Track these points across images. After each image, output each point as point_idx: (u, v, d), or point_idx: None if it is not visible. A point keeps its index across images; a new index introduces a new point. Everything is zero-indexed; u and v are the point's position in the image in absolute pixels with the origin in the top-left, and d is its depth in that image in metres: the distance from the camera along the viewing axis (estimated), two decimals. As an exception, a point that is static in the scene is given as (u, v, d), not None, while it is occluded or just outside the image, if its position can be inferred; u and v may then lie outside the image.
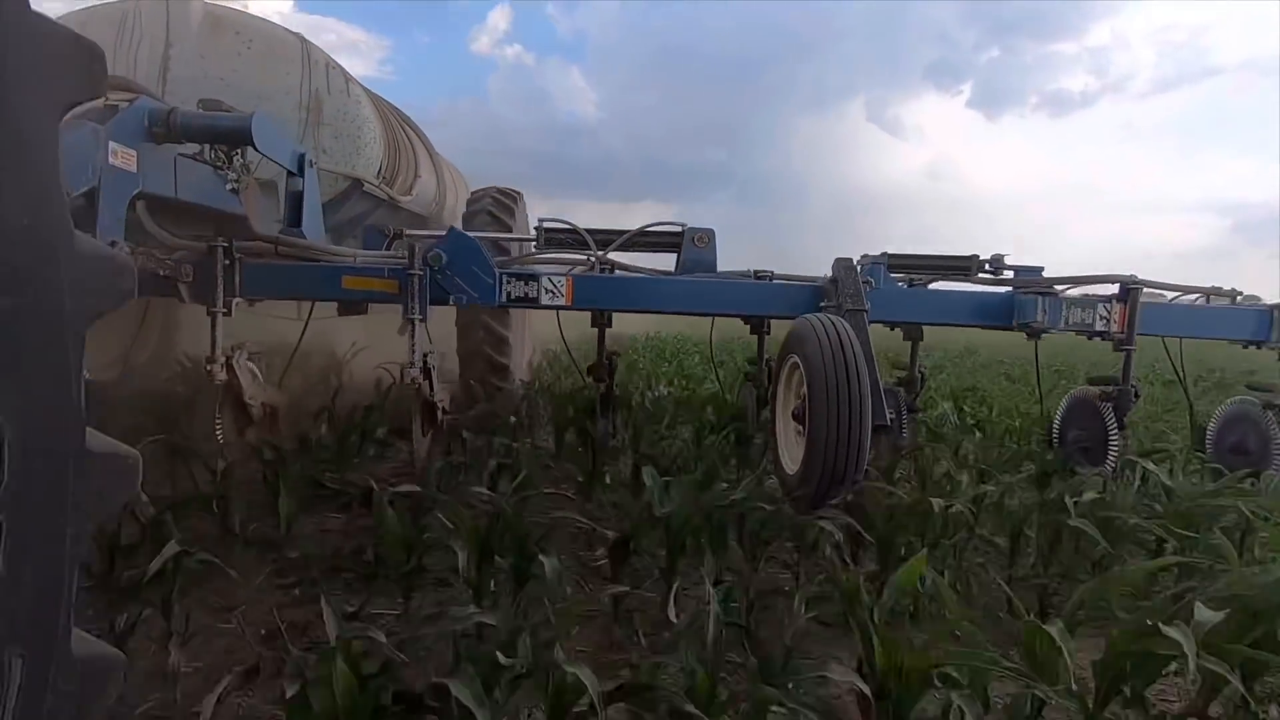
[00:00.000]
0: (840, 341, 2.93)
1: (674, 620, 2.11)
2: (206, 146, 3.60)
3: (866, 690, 1.60)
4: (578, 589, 2.55)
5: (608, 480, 3.65)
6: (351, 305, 3.92)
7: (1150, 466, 3.55)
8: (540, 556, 2.15)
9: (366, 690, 1.51)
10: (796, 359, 3.14)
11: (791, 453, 3.23)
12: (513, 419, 4.57)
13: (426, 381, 3.55)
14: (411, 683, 1.63)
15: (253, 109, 3.93)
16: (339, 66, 4.72)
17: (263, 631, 2.30)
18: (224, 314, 3.23)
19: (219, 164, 3.70)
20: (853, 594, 1.84)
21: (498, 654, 1.59)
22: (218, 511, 2.81)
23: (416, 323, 3.35)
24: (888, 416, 3.07)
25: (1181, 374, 4.49)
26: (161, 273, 3.01)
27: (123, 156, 2.84)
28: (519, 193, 5.87)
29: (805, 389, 3.01)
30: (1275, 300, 4.13)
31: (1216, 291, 4.35)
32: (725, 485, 3.03)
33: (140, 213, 3.28)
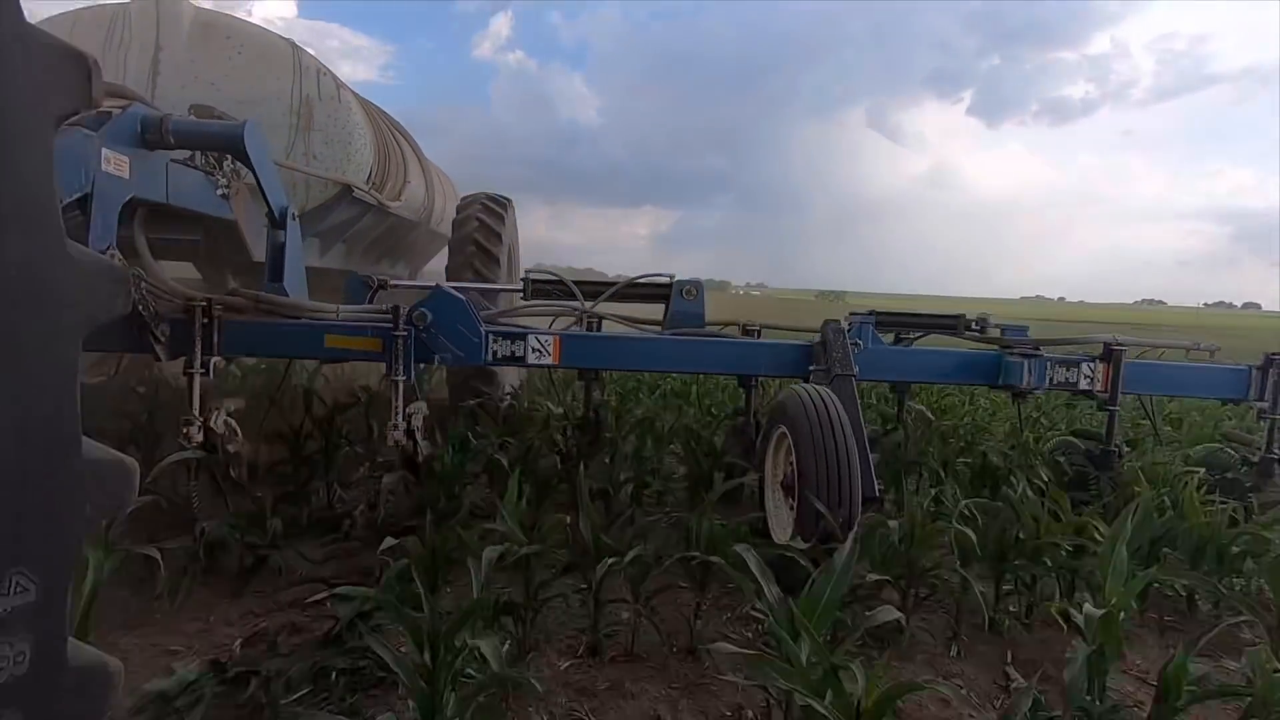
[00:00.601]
0: (829, 415, 2.92)
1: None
2: (198, 152, 3.61)
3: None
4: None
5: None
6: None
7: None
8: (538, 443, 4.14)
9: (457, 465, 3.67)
10: (785, 430, 3.12)
11: (781, 522, 3.21)
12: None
13: (410, 441, 3.46)
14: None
15: (243, 114, 3.94)
16: (329, 72, 4.73)
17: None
18: (202, 374, 3.06)
19: (210, 169, 3.71)
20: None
21: (504, 460, 3.81)
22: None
23: (400, 384, 3.24)
24: (876, 488, 3.06)
25: (1155, 423, 4.74)
26: (143, 309, 2.84)
27: (115, 163, 2.84)
28: (509, 199, 5.90)
29: (793, 460, 2.99)
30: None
31: (1195, 347, 4.51)
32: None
33: (141, 252, 3.18)
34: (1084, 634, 2.05)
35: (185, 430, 3.09)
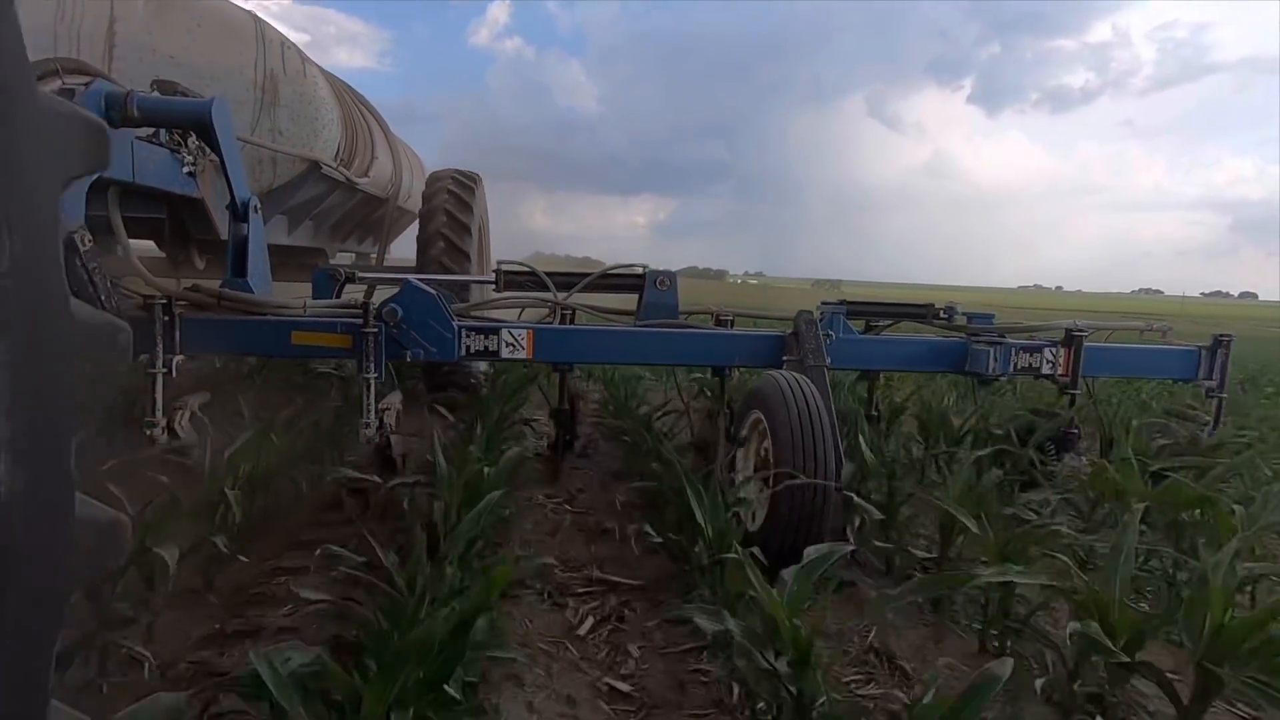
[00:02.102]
0: (807, 403, 2.97)
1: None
2: (162, 129, 3.54)
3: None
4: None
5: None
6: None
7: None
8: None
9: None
10: (761, 416, 3.15)
11: (753, 507, 3.24)
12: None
13: (383, 438, 3.43)
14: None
15: (205, 90, 3.86)
16: (295, 46, 4.64)
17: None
18: (164, 373, 2.98)
19: (175, 146, 3.64)
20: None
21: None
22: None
23: (371, 381, 3.20)
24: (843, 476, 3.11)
25: (1095, 404, 4.92)
26: (104, 302, 2.76)
27: (81, 141, 2.79)
28: (478, 175, 5.88)
29: (769, 445, 3.04)
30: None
31: (1149, 328, 4.69)
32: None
33: (118, 234, 3.10)
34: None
35: (149, 432, 3.01)
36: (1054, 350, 3.95)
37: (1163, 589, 2.84)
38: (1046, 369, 3.96)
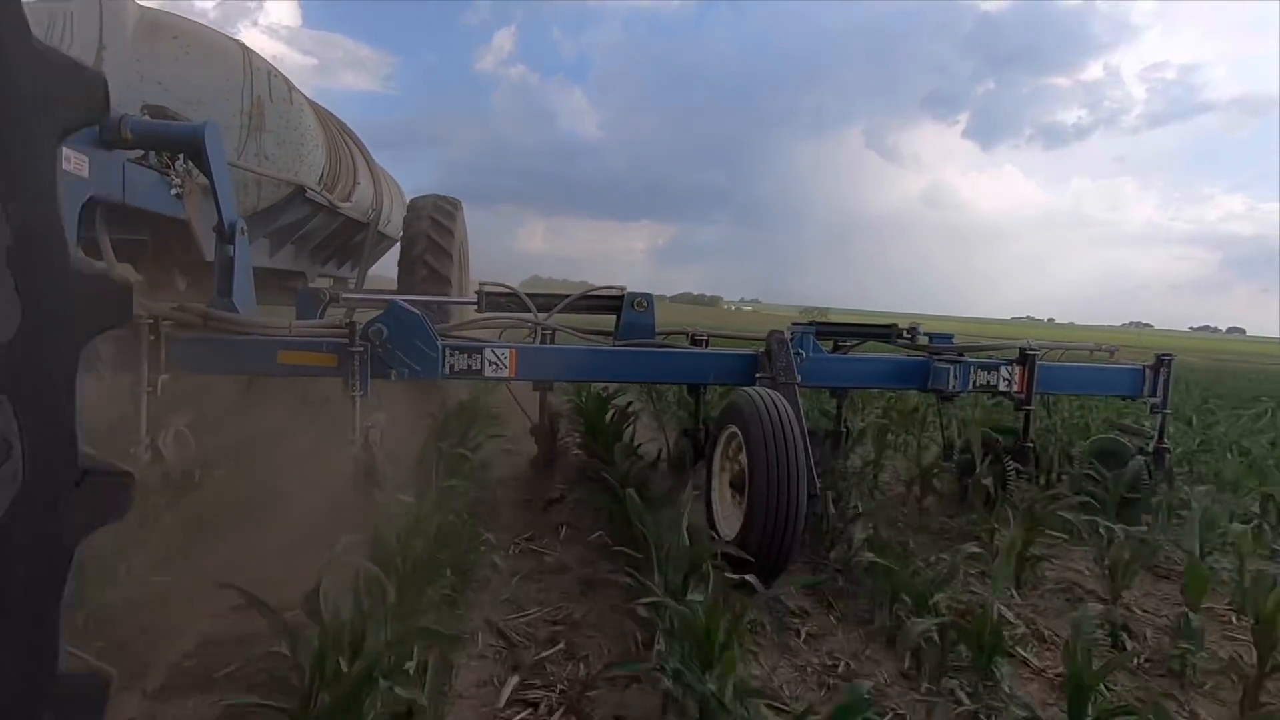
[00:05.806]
0: (780, 418, 3.10)
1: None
2: (150, 152, 3.60)
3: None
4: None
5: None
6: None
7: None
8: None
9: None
10: (736, 430, 3.28)
11: (727, 518, 3.37)
12: None
13: (368, 455, 3.43)
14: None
15: (193, 115, 3.94)
16: (280, 74, 4.75)
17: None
18: (149, 391, 3.01)
19: (164, 168, 3.71)
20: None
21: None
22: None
23: (357, 399, 3.26)
24: (818, 487, 3.27)
25: (1055, 420, 5.18)
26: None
27: (75, 162, 2.85)
28: (459, 201, 6.00)
29: (744, 459, 3.17)
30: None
31: (1097, 348, 4.95)
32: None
33: (105, 254, 3.15)
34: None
35: (133, 451, 3.02)
36: (1009, 368, 4.13)
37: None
38: (1003, 386, 4.14)
